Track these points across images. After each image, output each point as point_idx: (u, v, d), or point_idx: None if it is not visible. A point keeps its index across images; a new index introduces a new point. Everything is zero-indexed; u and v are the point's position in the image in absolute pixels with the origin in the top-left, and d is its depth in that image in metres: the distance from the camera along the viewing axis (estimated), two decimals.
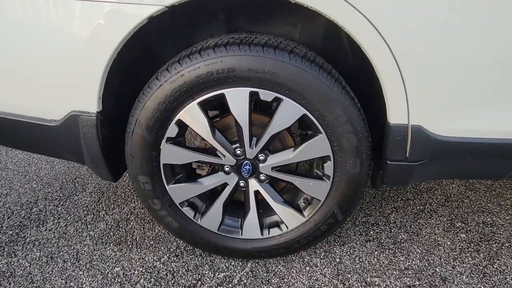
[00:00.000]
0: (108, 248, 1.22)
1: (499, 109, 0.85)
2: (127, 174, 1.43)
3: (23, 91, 0.94)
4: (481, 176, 1.03)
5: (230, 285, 1.07)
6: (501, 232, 1.25)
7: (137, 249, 1.21)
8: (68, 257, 1.19)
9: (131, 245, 1.23)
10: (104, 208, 1.44)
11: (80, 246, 1.24)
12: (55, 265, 1.15)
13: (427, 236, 1.24)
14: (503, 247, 1.18)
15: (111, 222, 1.36)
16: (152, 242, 1.24)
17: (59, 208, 1.45)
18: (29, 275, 1.12)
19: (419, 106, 0.85)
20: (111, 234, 1.29)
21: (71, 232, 1.31)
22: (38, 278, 1.11)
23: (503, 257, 1.14)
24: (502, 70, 0.80)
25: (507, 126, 0.87)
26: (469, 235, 1.24)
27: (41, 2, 0.82)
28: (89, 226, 1.34)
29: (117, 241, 1.25)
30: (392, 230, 1.28)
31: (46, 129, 0.97)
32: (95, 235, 1.28)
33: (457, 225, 1.29)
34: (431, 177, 1.00)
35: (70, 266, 1.15)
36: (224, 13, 1.04)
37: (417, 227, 1.29)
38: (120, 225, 1.34)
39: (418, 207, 1.40)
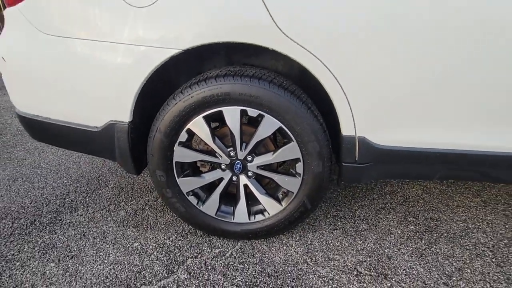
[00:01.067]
0: (128, 230, 1.54)
1: (422, 125, 1.17)
2: (147, 170, 1.76)
3: (74, 104, 1.28)
4: (415, 177, 1.34)
5: (223, 258, 1.37)
6: (443, 226, 1.55)
7: (151, 230, 1.53)
8: (97, 235, 1.50)
9: (146, 227, 1.55)
10: (124, 200, 1.76)
11: (106, 227, 1.55)
12: (87, 241, 1.47)
13: (383, 227, 1.54)
14: (442, 236, 1.48)
15: (130, 210, 1.68)
16: (163, 226, 1.56)
17: (87, 199, 1.77)
18: (68, 247, 1.44)
19: (362, 123, 1.17)
20: (130, 219, 1.61)
21: (98, 217, 1.63)
22: (75, 249, 1.42)
23: (440, 243, 1.44)
24: (421, 97, 1.12)
25: (429, 138, 1.19)
26: (417, 227, 1.54)
27: (96, 43, 1.17)
28: (112, 213, 1.66)
29: (135, 224, 1.57)
30: (356, 222, 1.58)
31: (90, 134, 1.30)
32: (117, 220, 1.60)
33: (409, 220, 1.59)
34: (377, 177, 1.31)
35: (99, 242, 1.47)
36: (224, 51, 1.38)
37: (376, 220, 1.59)
38: (137, 213, 1.65)
39: (380, 205, 1.70)
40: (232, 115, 1.22)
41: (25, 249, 1.43)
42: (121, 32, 1.13)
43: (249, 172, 1.34)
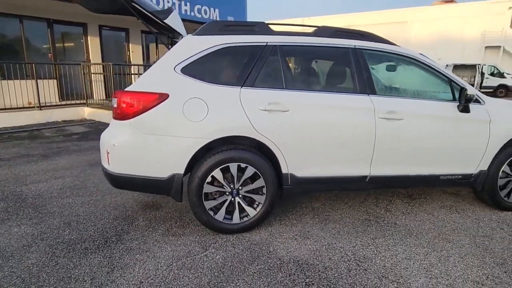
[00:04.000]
0: (170, 237, 2.69)
1: (319, 166, 2.76)
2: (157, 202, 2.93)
3: (153, 166, 2.52)
4: (318, 191, 2.89)
5: (229, 241, 2.64)
6: (331, 218, 3.11)
7: (184, 236, 2.71)
8: (154, 241, 2.61)
9: (180, 235, 2.72)
10: (155, 226, 2.89)
11: (156, 238, 2.67)
12: (149, 245, 2.57)
13: (303, 221, 3.02)
14: (329, 220, 3.02)
15: (163, 230, 2.82)
16: (189, 234, 2.75)
17: (130, 227, 2.85)
18: (140, 248, 2.52)
19: (291, 167, 2.70)
20: (167, 233, 2.76)
21: (147, 234, 2.73)
22: (145, 248, 2.52)
23: (329, 223, 2.98)
24: (318, 156, 2.72)
25: (322, 172, 2.78)
26: (314, 220, 3.06)
27: (169, 137, 2.48)
28: (153, 232, 2.78)
29: (173, 234, 2.73)
30: (290, 220, 3.03)
31: (159, 181, 2.53)
32: (160, 234, 2.74)
33: (315, 217, 3.11)
34: (300, 192, 2.83)
35: (157, 243, 2.58)
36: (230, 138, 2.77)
37: (300, 218, 3.06)
38: (169, 230, 2.81)
39: (301, 213, 3.20)
40: (233, 167, 2.62)
41: (114, 252, 2.46)
42: (185, 131, 2.49)
43: (240, 195, 2.71)
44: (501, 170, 3.18)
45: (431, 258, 2.47)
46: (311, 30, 2.99)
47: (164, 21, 2.65)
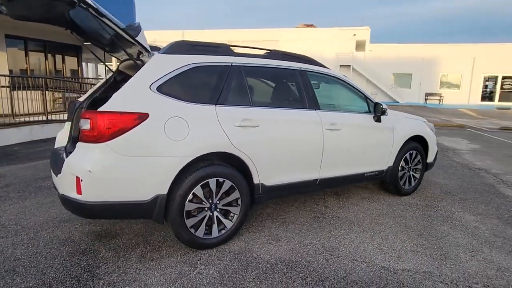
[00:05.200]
0: (149, 262, 2.56)
1: (285, 175, 3.08)
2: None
3: (136, 190, 2.38)
4: (285, 196, 3.22)
5: (213, 254, 2.70)
6: (287, 219, 3.48)
7: (164, 259, 2.62)
8: (136, 269, 2.45)
9: (159, 259, 2.62)
10: (125, 254, 2.69)
11: (135, 266, 2.51)
12: (131, 275, 2.41)
13: (266, 227, 3.29)
14: (287, 222, 3.39)
15: (137, 256, 2.65)
16: (168, 256, 2.67)
17: (97, 261, 2.58)
18: (121, 277, 2.33)
19: (262, 177, 2.95)
20: (144, 259, 2.61)
21: (120, 264, 2.53)
22: (124, 278, 2.35)
23: (287, 225, 3.34)
24: (283, 167, 3.04)
25: (287, 179, 3.10)
26: (275, 224, 3.39)
27: (154, 158, 2.41)
28: (126, 261, 2.59)
29: (150, 259, 2.60)
30: (255, 227, 3.26)
31: (141, 204, 2.41)
32: (137, 261, 2.57)
33: (265, 220, 3.43)
34: (269, 198, 3.09)
35: (140, 271, 2.43)
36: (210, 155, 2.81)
37: (262, 225, 3.33)
38: (144, 256, 2.66)
39: (260, 220, 3.46)
40: (212, 182, 2.71)
41: None
42: (169, 151, 2.45)
43: (218, 209, 2.80)
44: (400, 165, 4.16)
45: (377, 239, 3.10)
46: (262, 52, 3.33)
47: (136, 38, 2.53)
